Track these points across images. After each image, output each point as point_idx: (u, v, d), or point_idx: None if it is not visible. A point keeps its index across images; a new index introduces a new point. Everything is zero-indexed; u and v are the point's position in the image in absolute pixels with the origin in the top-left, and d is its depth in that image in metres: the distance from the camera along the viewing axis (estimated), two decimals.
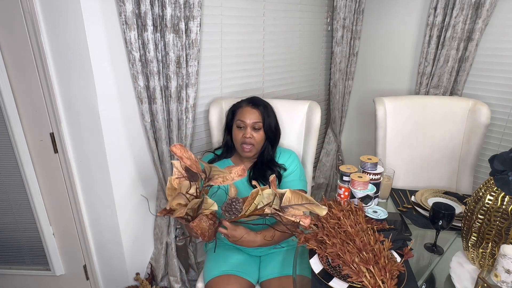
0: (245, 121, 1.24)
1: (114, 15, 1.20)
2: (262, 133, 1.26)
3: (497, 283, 0.83)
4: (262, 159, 1.30)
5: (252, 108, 1.26)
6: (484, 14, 1.57)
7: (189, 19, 1.27)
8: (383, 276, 0.84)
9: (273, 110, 1.33)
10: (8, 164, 1.37)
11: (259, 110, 1.26)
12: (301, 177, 1.31)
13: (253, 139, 1.24)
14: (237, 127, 1.26)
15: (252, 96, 1.34)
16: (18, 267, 1.57)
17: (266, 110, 1.27)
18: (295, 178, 1.28)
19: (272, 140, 1.31)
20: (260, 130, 1.25)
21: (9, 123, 1.28)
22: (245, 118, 1.24)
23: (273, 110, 1.33)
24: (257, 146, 1.26)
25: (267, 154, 1.30)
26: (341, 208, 1.08)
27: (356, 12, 2.01)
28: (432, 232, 1.11)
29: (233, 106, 1.32)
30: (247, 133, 1.23)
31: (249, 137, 1.23)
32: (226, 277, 1.17)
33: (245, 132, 1.23)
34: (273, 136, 1.30)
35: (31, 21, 1.16)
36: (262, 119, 1.25)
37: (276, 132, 1.31)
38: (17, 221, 1.48)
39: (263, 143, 1.29)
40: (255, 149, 1.26)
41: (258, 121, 1.24)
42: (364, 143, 2.35)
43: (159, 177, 1.46)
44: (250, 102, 1.28)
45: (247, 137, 1.23)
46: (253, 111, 1.25)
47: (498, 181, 0.87)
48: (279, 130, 1.34)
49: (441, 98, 1.70)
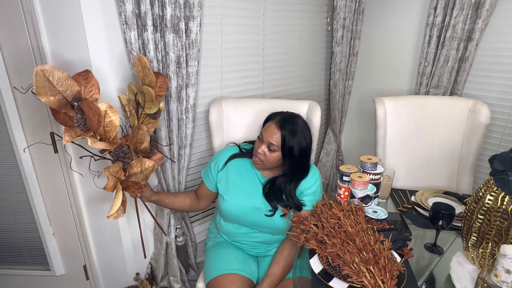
0: (264, 137, 1.17)
1: (114, 15, 1.20)
2: (277, 155, 1.16)
3: (497, 283, 0.83)
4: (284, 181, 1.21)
5: (276, 127, 1.15)
6: (484, 14, 1.57)
7: (189, 19, 1.27)
8: (383, 276, 0.84)
9: (307, 137, 1.18)
10: (8, 164, 1.37)
11: (281, 133, 1.14)
12: (320, 196, 1.26)
13: (263, 156, 1.17)
14: (258, 137, 1.21)
15: (289, 116, 1.19)
16: (18, 267, 1.57)
17: (292, 136, 1.14)
18: (315, 198, 1.23)
19: (293, 169, 1.19)
20: (275, 152, 1.15)
21: (9, 123, 1.28)
22: (265, 133, 1.16)
23: (307, 137, 1.18)
24: (266, 164, 1.18)
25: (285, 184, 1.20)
26: (341, 208, 1.08)
27: (356, 12, 2.01)
28: (432, 232, 1.11)
29: (270, 115, 1.23)
30: (260, 148, 1.16)
31: (260, 153, 1.17)
32: (228, 276, 1.17)
33: (260, 146, 1.17)
34: (293, 164, 1.18)
35: (31, 21, 1.16)
36: (281, 143, 1.14)
37: (298, 162, 1.18)
38: (17, 221, 1.48)
39: (277, 164, 1.19)
40: (264, 165, 1.20)
41: (275, 143, 1.14)
42: (364, 143, 2.35)
43: (159, 177, 1.46)
44: (280, 121, 1.16)
45: (258, 151, 1.17)
46: (276, 131, 1.14)
47: (498, 181, 0.87)
48: (305, 162, 1.20)
49: (441, 98, 1.70)
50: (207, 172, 1.30)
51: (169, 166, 1.43)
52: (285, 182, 1.20)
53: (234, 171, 1.26)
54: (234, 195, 1.24)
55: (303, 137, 1.17)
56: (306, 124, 1.22)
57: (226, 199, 1.24)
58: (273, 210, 1.21)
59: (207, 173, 1.30)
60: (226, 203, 1.24)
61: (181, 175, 1.49)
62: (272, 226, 1.22)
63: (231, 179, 1.25)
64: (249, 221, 1.24)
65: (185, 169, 1.49)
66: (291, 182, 1.20)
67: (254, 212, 1.22)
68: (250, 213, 1.22)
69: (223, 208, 1.25)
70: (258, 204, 1.22)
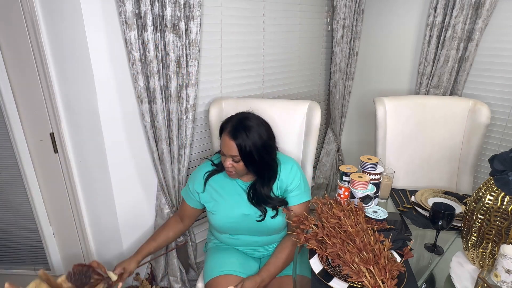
0: (224, 151, 1.14)
1: (114, 15, 1.20)
2: (242, 164, 1.13)
3: (497, 283, 0.83)
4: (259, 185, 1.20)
5: (230, 139, 1.10)
6: (484, 14, 1.57)
7: (189, 19, 1.27)
8: (383, 276, 0.84)
9: (263, 134, 1.13)
10: (8, 164, 1.37)
11: (236, 143, 1.10)
12: (305, 188, 1.24)
13: (233, 168, 1.14)
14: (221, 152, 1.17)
15: (238, 121, 1.14)
16: (18, 267, 1.57)
17: (247, 141, 1.10)
18: (300, 191, 1.22)
19: (258, 172, 1.17)
20: (240, 161, 1.13)
21: (9, 123, 1.28)
22: (223, 148, 1.14)
23: (263, 134, 1.13)
24: (239, 173, 1.16)
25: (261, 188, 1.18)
26: (341, 208, 1.08)
27: (356, 12, 2.01)
28: (432, 232, 1.11)
29: (222, 124, 1.18)
30: (226, 163, 1.14)
31: (229, 166, 1.14)
32: (226, 277, 1.17)
33: (225, 160, 1.14)
34: (256, 168, 1.15)
35: (31, 21, 1.16)
36: (239, 153, 1.11)
37: (260, 164, 1.14)
38: (17, 221, 1.48)
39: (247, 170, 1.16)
40: (238, 175, 1.19)
41: (235, 154, 1.11)
42: (364, 143, 2.35)
43: (159, 177, 1.46)
44: (231, 131, 1.11)
45: (226, 166, 1.15)
46: (231, 143, 1.10)
47: (498, 181, 0.87)
48: (267, 161, 1.16)
49: (441, 98, 1.70)
50: (188, 192, 1.28)
51: (169, 166, 1.43)
52: (259, 186, 1.19)
53: (216, 185, 1.24)
54: (222, 208, 1.22)
55: (258, 136, 1.12)
56: (260, 119, 1.17)
57: (215, 214, 1.23)
58: (263, 213, 1.20)
59: (187, 193, 1.28)
60: (216, 217, 1.23)
61: (181, 175, 1.49)
62: (266, 228, 1.22)
63: (214, 194, 1.24)
64: (242, 228, 1.23)
65: (185, 169, 1.49)
66: (263, 185, 1.18)
67: (244, 219, 1.21)
68: (241, 221, 1.21)
69: (214, 223, 1.25)
70: (246, 210, 1.21)
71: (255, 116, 1.18)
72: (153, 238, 1.29)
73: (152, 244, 1.27)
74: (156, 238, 1.29)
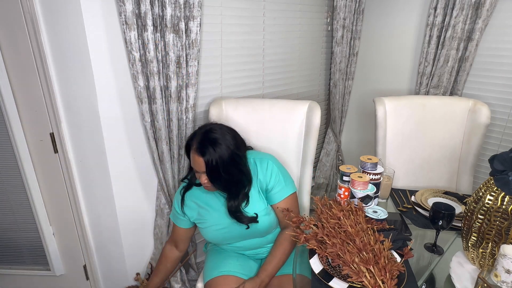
0: (196, 169, 1.10)
1: (114, 15, 1.20)
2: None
3: (497, 283, 0.83)
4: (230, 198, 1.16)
5: (197, 156, 1.06)
6: (484, 14, 1.57)
7: (189, 19, 1.27)
8: (383, 276, 0.84)
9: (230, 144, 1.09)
10: (8, 164, 1.37)
11: (204, 159, 1.06)
12: (286, 181, 1.21)
13: (208, 183, 1.10)
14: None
15: (202, 136, 1.09)
16: (18, 267, 1.57)
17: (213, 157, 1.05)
18: (281, 187, 1.19)
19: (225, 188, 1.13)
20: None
21: (9, 123, 1.28)
22: (194, 166, 1.10)
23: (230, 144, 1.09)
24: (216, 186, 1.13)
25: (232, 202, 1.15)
26: (341, 208, 1.08)
27: (356, 12, 2.01)
28: (432, 232, 1.11)
29: (187, 142, 1.13)
30: (202, 178, 1.10)
31: (204, 181, 1.11)
32: (226, 278, 1.17)
33: (199, 177, 1.11)
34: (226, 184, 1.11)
35: (31, 21, 1.16)
36: (205, 169, 1.07)
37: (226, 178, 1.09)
38: (17, 221, 1.48)
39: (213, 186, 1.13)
40: (214, 188, 1.14)
41: (205, 171, 1.08)
42: (364, 143, 2.35)
43: (159, 177, 1.46)
44: (198, 147, 1.07)
45: (203, 182, 1.11)
46: (200, 160, 1.06)
47: (498, 181, 0.87)
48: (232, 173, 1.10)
49: (441, 98, 1.70)
50: (175, 214, 1.26)
51: (169, 166, 1.43)
52: (229, 200, 1.16)
53: (198, 201, 1.23)
54: (210, 221, 1.21)
55: (225, 147, 1.07)
56: (224, 129, 1.13)
57: (205, 228, 1.22)
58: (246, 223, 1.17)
59: (175, 215, 1.27)
60: (207, 231, 1.22)
61: (181, 175, 1.49)
62: (258, 231, 1.21)
63: (199, 209, 1.22)
64: (235, 236, 1.22)
65: (185, 169, 1.49)
66: (233, 199, 1.15)
67: (234, 226, 1.19)
68: (232, 229, 1.20)
69: (207, 236, 1.24)
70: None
71: (219, 126, 1.14)
72: (155, 274, 1.34)
73: (156, 280, 1.33)
74: (157, 273, 1.34)
